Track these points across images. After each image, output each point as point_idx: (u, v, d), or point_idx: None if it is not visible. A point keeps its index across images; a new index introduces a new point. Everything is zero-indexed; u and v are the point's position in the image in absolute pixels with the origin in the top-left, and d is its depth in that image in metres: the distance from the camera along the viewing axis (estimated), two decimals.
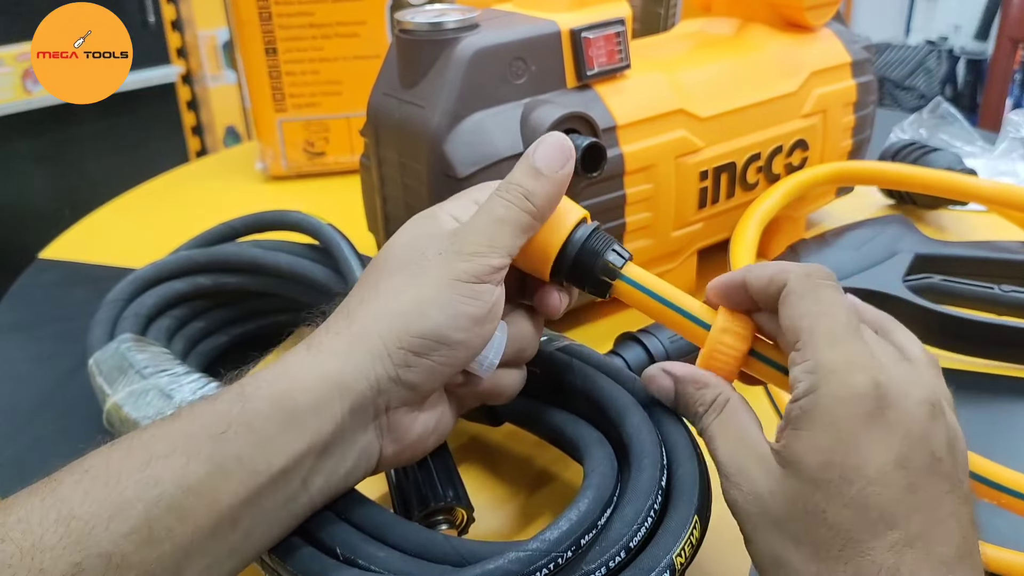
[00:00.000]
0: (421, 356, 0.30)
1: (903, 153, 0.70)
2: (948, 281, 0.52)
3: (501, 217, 0.32)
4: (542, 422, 0.37)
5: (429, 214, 0.34)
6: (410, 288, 0.31)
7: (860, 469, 0.26)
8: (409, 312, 0.30)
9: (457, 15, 0.45)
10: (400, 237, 0.33)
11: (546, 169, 0.33)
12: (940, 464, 0.27)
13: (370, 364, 0.29)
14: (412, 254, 0.32)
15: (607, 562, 0.28)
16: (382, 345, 0.30)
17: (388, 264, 0.32)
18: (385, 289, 0.31)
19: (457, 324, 0.30)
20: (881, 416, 0.27)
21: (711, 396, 0.32)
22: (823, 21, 0.59)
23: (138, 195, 0.83)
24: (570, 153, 0.34)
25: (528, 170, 0.33)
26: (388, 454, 0.32)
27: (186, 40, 1.88)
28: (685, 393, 0.33)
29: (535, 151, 0.33)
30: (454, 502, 0.35)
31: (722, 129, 0.52)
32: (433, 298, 0.30)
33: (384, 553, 0.29)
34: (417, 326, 0.30)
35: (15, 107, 1.61)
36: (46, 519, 0.24)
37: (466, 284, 0.31)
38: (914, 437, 0.27)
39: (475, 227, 0.32)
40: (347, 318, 0.31)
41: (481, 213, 0.32)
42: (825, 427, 0.27)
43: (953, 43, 2.59)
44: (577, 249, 0.34)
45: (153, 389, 0.40)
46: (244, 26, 0.76)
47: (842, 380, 0.27)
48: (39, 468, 0.43)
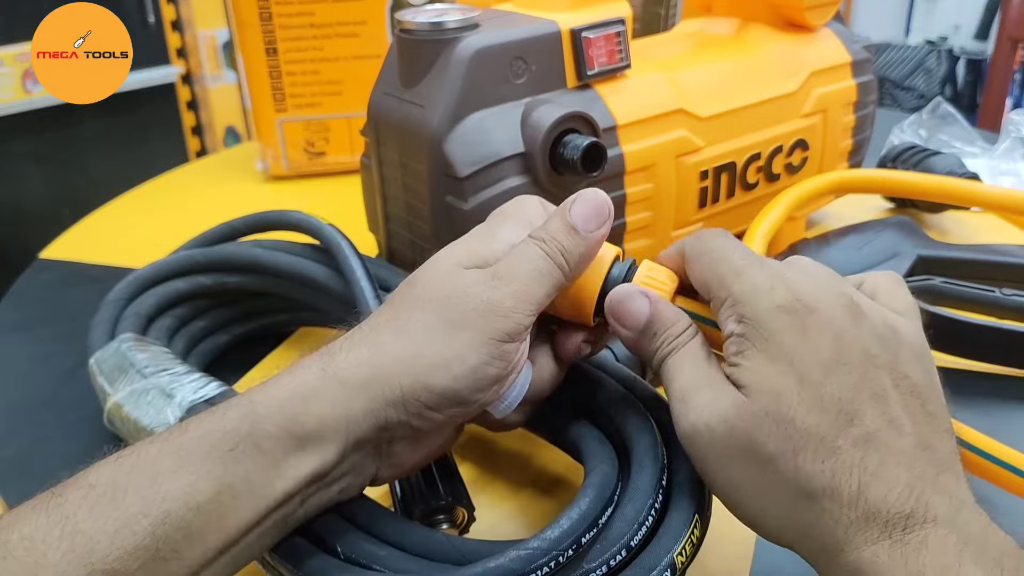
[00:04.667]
0: (434, 410, 0.29)
1: (903, 157, 0.70)
2: (949, 283, 0.52)
3: (541, 269, 0.31)
4: (543, 422, 0.37)
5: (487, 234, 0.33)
6: (442, 338, 0.29)
7: (809, 371, 0.27)
8: (434, 366, 0.29)
9: (457, 15, 0.45)
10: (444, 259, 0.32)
11: (582, 228, 0.32)
12: (876, 359, 0.28)
13: (383, 408, 0.29)
14: (452, 289, 0.30)
15: (608, 561, 0.28)
16: (400, 394, 0.29)
17: (426, 292, 0.31)
18: (416, 327, 0.30)
19: (479, 386, 0.30)
20: (807, 322, 0.28)
21: (683, 326, 0.32)
22: (823, 21, 0.59)
23: (138, 195, 0.83)
24: (608, 213, 0.33)
25: (564, 227, 0.32)
26: (384, 476, 0.32)
27: (186, 40, 1.88)
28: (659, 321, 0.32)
29: (572, 207, 0.32)
30: (455, 501, 0.35)
31: (722, 129, 0.52)
32: (463, 357, 0.29)
33: (385, 552, 0.29)
34: (440, 384, 0.29)
35: (15, 107, 1.62)
36: (50, 535, 0.24)
37: (498, 344, 0.30)
38: (843, 336, 0.28)
39: (516, 274, 0.31)
40: (371, 346, 0.30)
41: (520, 260, 0.31)
42: (765, 343, 0.28)
43: (953, 43, 2.59)
44: None
45: (154, 388, 0.40)
46: (244, 26, 0.76)
47: (763, 300, 0.29)
48: (39, 468, 0.43)
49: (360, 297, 0.43)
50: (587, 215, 0.32)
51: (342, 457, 0.29)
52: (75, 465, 0.29)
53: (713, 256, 0.31)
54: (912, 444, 0.27)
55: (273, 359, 0.52)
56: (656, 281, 0.33)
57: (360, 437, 0.29)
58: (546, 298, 0.31)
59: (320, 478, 0.29)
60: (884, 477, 0.26)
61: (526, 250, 0.31)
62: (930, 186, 0.60)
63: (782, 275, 0.30)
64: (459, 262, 0.31)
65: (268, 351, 0.52)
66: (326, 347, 0.30)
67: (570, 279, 0.32)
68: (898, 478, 0.26)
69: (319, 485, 0.29)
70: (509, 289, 0.30)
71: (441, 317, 0.30)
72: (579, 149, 0.43)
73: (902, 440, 0.27)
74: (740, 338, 0.29)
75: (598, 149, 0.44)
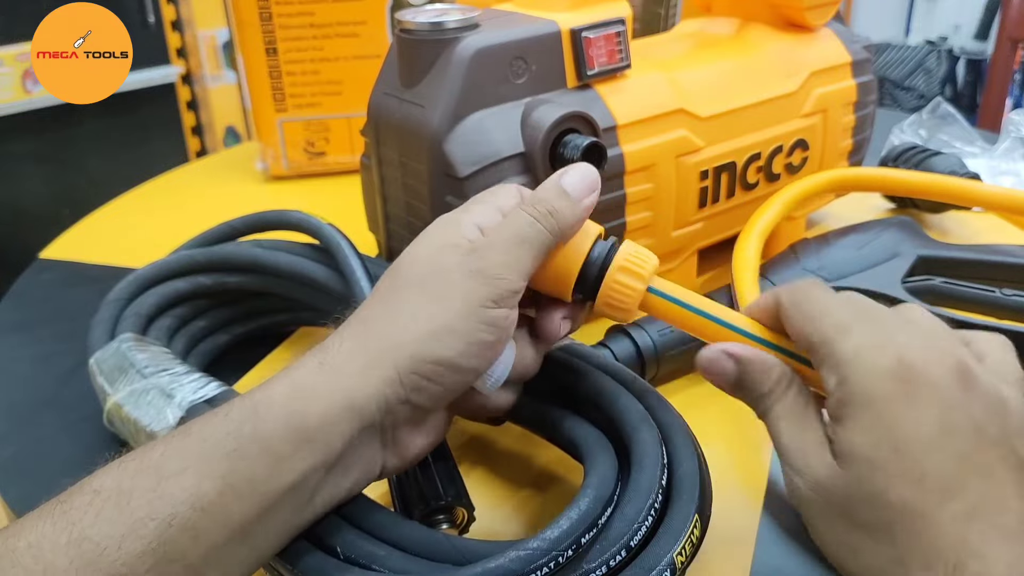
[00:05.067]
0: (432, 381, 0.30)
1: (904, 157, 0.70)
2: (949, 284, 0.52)
3: (524, 236, 0.31)
4: (542, 421, 0.37)
5: (452, 220, 0.33)
6: (429, 311, 0.30)
7: (908, 443, 0.27)
8: (426, 339, 0.30)
9: (458, 15, 0.45)
10: (422, 246, 0.32)
11: (573, 193, 0.33)
12: (984, 432, 0.27)
13: (382, 388, 0.29)
14: (433, 268, 0.31)
15: (608, 561, 0.28)
16: (395, 371, 0.29)
17: (408, 276, 0.31)
18: (403, 308, 0.30)
19: (472, 352, 0.30)
20: (914, 390, 0.27)
21: (776, 376, 0.32)
22: (823, 21, 0.59)
23: (138, 195, 0.83)
24: (596, 185, 0.34)
25: (556, 189, 0.33)
26: (390, 467, 0.32)
27: (186, 40, 1.88)
28: (749, 375, 0.32)
29: (564, 174, 0.34)
30: (455, 501, 0.35)
31: (722, 129, 0.52)
32: (453, 326, 0.30)
33: (385, 552, 0.29)
34: (433, 354, 0.29)
35: (15, 107, 1.62)
36: (57, 543, 0.24)
37: (486, 311, 0.30)
38: (951, 406, 0.27)
39: (497, 245, 0.31)
40: (362, 333, 0.30)
41: (504, 228, 0.32)
42: (864, 410, 0.27)
43: (953, 43, 2.59)
44: (599, 266, 0.34)
45: (154, 388, 0.40)
46: (244, 26, 0.76)
47: (867, 364, 0.28)
48: (39, 468, 0.43)
49: (360, 297, 0.43)
50: (578, 182, 0.33)
51: (348, 446, 0.29)
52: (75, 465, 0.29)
53: (814, 309, 0.31)
54: (1016, 521, 0.26)
55: (273, 359, 0.52)
56: (638, 262, 0.34)
57: (364, 423, 0.29)
58: (533, 261, 0.32)
59: (327, 468, 0.29)
60: (984, 554, 0.25)
61: (513, 218, 0.32)
62: (926, 184, 0.60)
63: (890, 334, 0.29)
64: (436, 244, 0.32)
65: (268, 351, 0.52)
66: (320, 344, 0.31)
67: (562, 239, 0.33)
68: (999, 556, 0.25)
69: (327, 475, 0.29)
70: (493, 257, 0.31)
71: (426, 294, 0.30)
72: (579, 149, 0.43)
73: (1005, 517, 0.26)
74: (840, 403, 0.28)
75: (598, 149, 0.44)
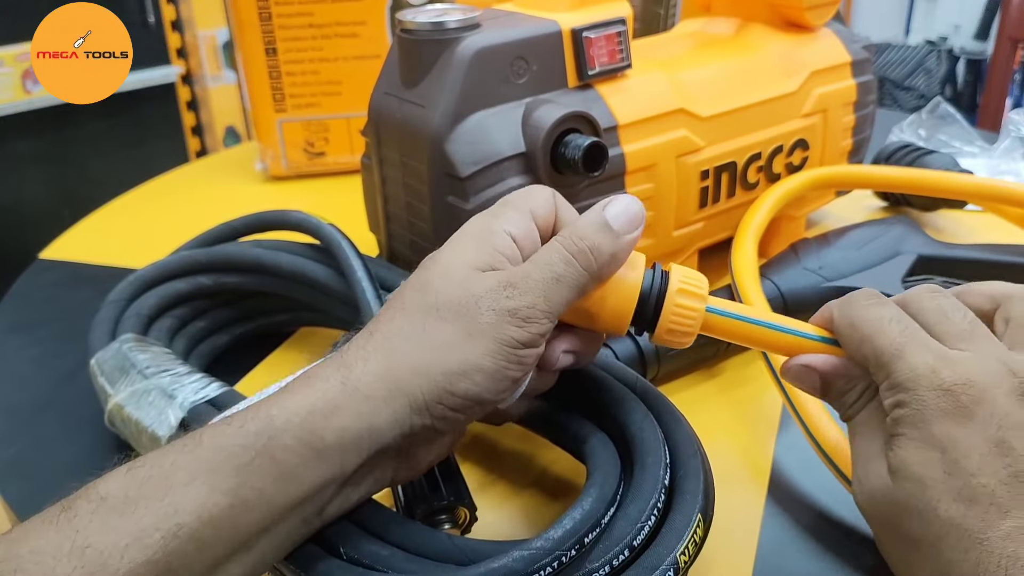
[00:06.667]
0: (458, 412, 0.30)
1: (897, 156, 0.70)
2: (949, 283, 0.51)
3: (560, 275, 0.30)
4: (545, 421, 0.37)
5: (485, 228, 0.32)
6: (462, 348, 0.29)
7: (961, 462, 0.27)
8: (455, 373, 0.29)
9: (458, 15, 0.45)
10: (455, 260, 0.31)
11: (617, 227, 0.31)
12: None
13: (407, 416, 0.29)
14: (466, 297, 0.30)
15: (611, 560, 0.28)
16: (423, 401, 0.29)
17: (440, 299, 0.30)
18: (434, 336, 0.29)
19: (499, 388, 0.30)
20: (972, 410, 0.27)
21: (861, 388, 0.32)
22: (823, 21, 0.59)
23: (138, 195, 0.83)
24: (641, 220, 0.32)
25: (599, 223, 0.31)
26: (400, 478, 0.32)
27: (186, 40, 1.88)
28: (833, 386, 0.33)
29: (608, 206, 0.32)
30: (457, 501, 0.35)
31: (723, 129, 0.52)
32: (482, 365, 0.29)
33: (388, 552, 0.29)
34: (461, 390, 0.29)
35: (15, 107, 1.62)
36: (60, 549, 0.24)
37: (515, 351, 0.29)
38: (1009, 426, 0.27)
39: (531, 283, 0.30)
40: (389, 355, 0.29)
41: (539, 264, 0.31)
42: (917, 429, 0.28)
43: (953, 43, 2.59)
44: (656, 295, 0.33)
45: (155, 389, 0.40)
46: (244, 26, 0.76)
47: (922, 386, 0.28)
48: (40, 469, 0.43)
49: (361, 297, 0.43)
50: (623, 216, 0.32)
51: (361, 465, 0.29)
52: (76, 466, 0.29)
53: (866, 329, 0.31)
54: None
55: (274, 359, 0.52)
56: (694, 283, 0.33)
57: (383, 446, 0.29)
58: (565, 304, 0.31)
59: (339, 484, 0.29)
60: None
61: (548, 254, 0.31)
62: (915, 180, 0.60)
63: (942, 353, 0.29)
64: (469, 264, 0.31)
65: (269, 351, 0.52)
66: (340, 356, 0.30)
67: (598, 281, 0.32)
68: None
69: (338, 490, 0.29)
70: (525, 300, 0.30)
71: (457, 327, 0.29)
72: (580, 149, 0.43)
73: None
74: (895, 421, 0.29)
75: (599, 149, 0.44)
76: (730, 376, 0.49)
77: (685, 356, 0.47)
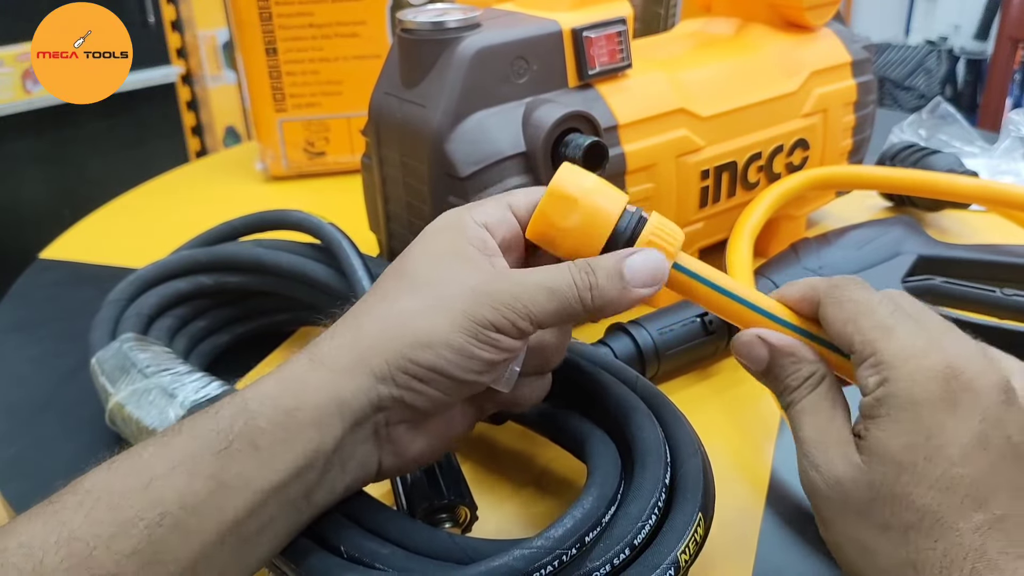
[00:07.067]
0: (427, 384, 0.29)
1: (902, 156, 0.70)
2: (949, 283, 0.52)
3: (555, 290, 0.30)
4: (545, 420, 0.37)
5: (457, 224, 0.32)
6: (428, 317, 0.29)
7: (943, 449, 0.27)
8: (420, 343, 0.29)
9: (459, 14, 0.45)
10: (425, 246, 0.32)
11: (631, 281, 0.31)
12: (1018, 448, 0.27)
13: (372, 384, 0.29)
14: (437, 273, 0.30)
15: (611, 559, 0.28)
16: (386, 367, 0.29)
17: (407, 276, 0.31)
18: (400, 309, 0.30)
19: (469, 367, 0.29)
20: (957, 398, 0.27)
21: (807, 372, 0.31)
22: (823, 21, 0.59)
23: (138, 195, 0.83)
24: (662, 279, 0.32)
25: (614, 272, 0.31)
26: (388, 466, 0.31)
27: (186, 40, 1.88)
28: (780, 365, 0.32)
29: (633, 259, 0.31)
30: (457, 500, 0.35)
31: (723, 128, 0.52)
32: (449, 340, 0.29)
33: (388, 550, 0.29)
34: (426, 360, 0.29)
35: (15, 107, 1.61)
36: (47, 542, 0.24)
37: (486, 332, 0.29)
38: (991, 419, 0.27)
39: (525, 282, 0.30)
40: (355, 329, 0.30)
41: (541, 274, 0.30)
42: (904, 411, 0.27)
43: (953, 43, 2.59)
44: (627, 238, 0.32)
45: (156, 388, 0.40)
46: (244, 26, 0.76)
47: (912, 366, 0.28)
48: (41, 468, 0.43)
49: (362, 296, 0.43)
50: (643, 274, 0.31)
51: (339, 443, 0.29)
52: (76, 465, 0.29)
53: (856, 308, 0.30)
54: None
55: (274, 359, 0.52)
56: (666, 236, 0.32)
57: (356, 419, 0.29)
58: (547, 316, 0.30)
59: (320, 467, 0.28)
60: (1001, 568, 0.25)
61: (554, 269, 0.31)
62: (916, 181, 0.60)
63: (935, 338, 0.28)
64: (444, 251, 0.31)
65: (269, 351, 0.52)
66: (314, 340, 0.31)
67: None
68: (1016, 572, 0.25)
69: (321, 473, 0.29)
70: (513, 289, 0.30)
71: (427, 299, 0.30)
72: (581, 148, 0.43)
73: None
74: (878, 401, 0.28)
75: (600, 148, 0.44)
76: (727, 376, 0.49)
77: (684, 356, 0.47)
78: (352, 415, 0.29)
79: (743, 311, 0.34)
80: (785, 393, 0.32)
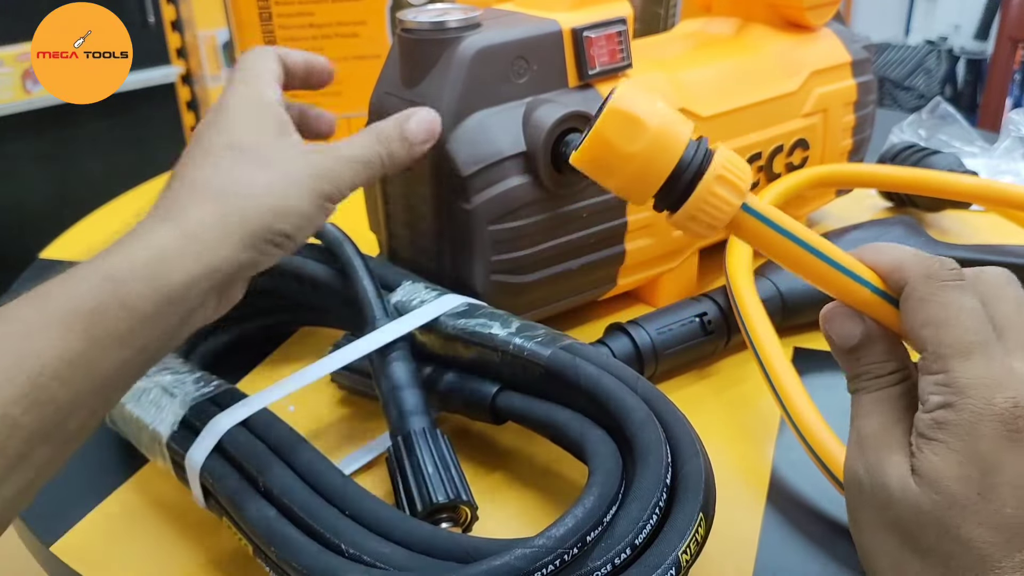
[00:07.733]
0: (279, 248, 0.34)
1: (902, 156, 0.70)
2: None
3: (370, 164, 0.38)
4: (545, 420, 0.37)
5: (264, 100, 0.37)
6: (283, 191, 0.34)
7: (998, 488, 0.26)
8: (279, 214, 0.34)
9: (459, 14, 0.45)
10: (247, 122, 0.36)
11: (413, 139, 0.39)
12: None
13: (240, 253, 0.33)
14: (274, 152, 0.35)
15: (612, 559, 0.28)
16: (251, 238, 0.33)
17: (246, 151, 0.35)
18: (254, 182, 0.34)
19: (310, 230, 0.36)
20: (1020, 438, 0.26)
21: (894, 367, 0.30)
22: (823, 21, 0.59)
23: (138, 195, 0.83)
24: (435, 132, 0.41)
25: (397, 132, 0.39)
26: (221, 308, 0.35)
27: (186, 40, 1.88)
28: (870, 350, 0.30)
29: (408, 119, 0.40)
30: (458, 500, 0.35)
31: (723, 128, 0.52)
32: (301, 209, 0.35)
33: (389, 550, 0.29)
34: (284, 229, 0.34)
35: (15, 107, 1.62)
36: None
37: (325, 203, 0.36)
38: None
39: (346, 157, 0.37)
40: (211, 200, 0.33)
41: (355, 150, 0.38)
42: (963, 442, 0.26)
43: (953, 43, 2.59)
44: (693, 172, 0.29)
45: (156, 387, 0.40)
46: (244, 26, 0.76)
47: (981, 397, 0.26)
48: None
49: (363, 297, 0.43)
50: (416, 129, 0.40)
51: (204, 302, 0.32)
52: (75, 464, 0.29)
53: (940, 316, 0.28)
54: None
55: (274, 359, 0.52)
56: (737, 172, 0.29)
57: (224, 284, 0.33)
58: (362, 184, 0.38)
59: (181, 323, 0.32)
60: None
61: (363, 142, 0.38)
62: (917, 180, 0.60)
63: (1011, 367, 0.27)
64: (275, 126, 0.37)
65: (269, 351, 0.52)
66: (160, 208, 0.33)
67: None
68: None
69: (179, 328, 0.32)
70: (334, 162, 0.36)
71: (277, 172, 0.35)
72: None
73: None
74: (937, 424, 0.27)
75: None
76: (727, 376, 0.49)
77: (682, 356, 0.47)
78: (221, 282, 0.32)
79: (819, 266, 0.30)
80: (863, 378, 0.31)
